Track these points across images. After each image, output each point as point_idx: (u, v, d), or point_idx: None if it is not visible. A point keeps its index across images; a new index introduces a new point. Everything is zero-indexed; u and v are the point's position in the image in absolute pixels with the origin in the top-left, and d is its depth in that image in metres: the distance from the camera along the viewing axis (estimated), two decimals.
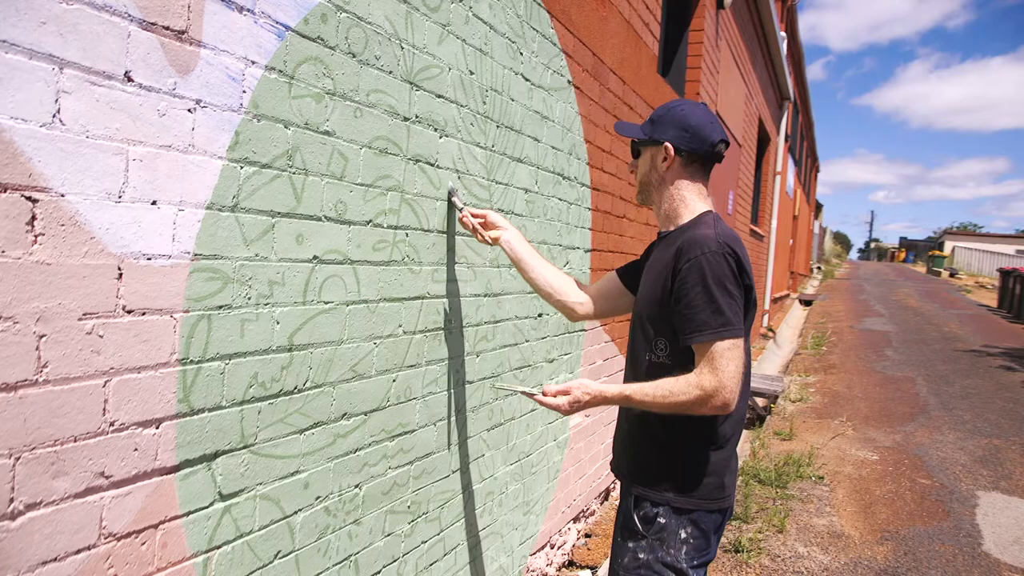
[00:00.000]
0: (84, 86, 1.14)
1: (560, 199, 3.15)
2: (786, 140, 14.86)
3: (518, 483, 2.99)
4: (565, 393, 1.77)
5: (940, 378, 9.04)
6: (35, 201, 1.09)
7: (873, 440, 6.17)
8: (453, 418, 2.40)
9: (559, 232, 3.17)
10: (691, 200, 1.84)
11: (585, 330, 3.63)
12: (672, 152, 1.82)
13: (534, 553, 3.27)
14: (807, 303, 20.05)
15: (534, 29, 2.72)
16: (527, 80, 2.71)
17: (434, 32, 2.08)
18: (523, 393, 1.89)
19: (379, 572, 2.07)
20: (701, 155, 1.83)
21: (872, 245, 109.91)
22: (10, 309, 1.07)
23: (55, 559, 1.17)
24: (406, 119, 1.98)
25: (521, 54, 2.64)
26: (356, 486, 1.93)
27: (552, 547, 3.51)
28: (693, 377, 1.62)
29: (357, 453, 1.92)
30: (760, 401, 7.32)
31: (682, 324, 1.65)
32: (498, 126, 2.52)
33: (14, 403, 1.08)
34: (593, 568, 3.61)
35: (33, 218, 1.09)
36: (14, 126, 1.06)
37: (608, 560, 3.01)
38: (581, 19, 3.15)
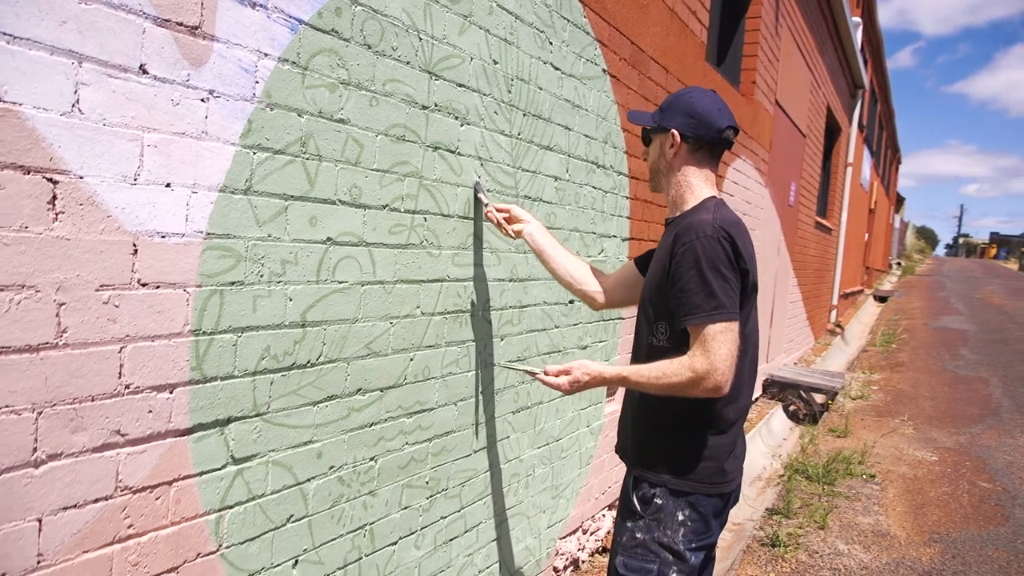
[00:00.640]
0: (101, 78, 1.26)
1: (594, 187, 3.17)
2: (861, 130, 14.31)
3: (546, 466, 3.05)
4: (566, 373, 1.82)
5: (1018, 380, 8.59)
6: (56, 182, 1.21)
7: (934, 440, 5.94)
8: (475, 399, 2.47)
9: (593, 220, 3.20)
10: (697, 186, 1.85)
11: (623, 318, 3.65)
12: (678, 139, 1.84)
13: (564, 537, 3.32)
14: (882, 299, 19.30)
15: (565, 18, 2.75)
16: (557, 69, 2.74)
17: (455, 23, 2.14)
18: (526, 372, 1.94)
19: (396, 543, 2.17)
20: (708, 141, 1.84)
21: (960, 241, 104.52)
22: (32, 279, 1.19)
23: (75, 506, 1.29)
24: (424, 107, 2.06)
25: (550, 43, 2.68)
26: (371, 459, 2.02)
27: (585, 532, 3.55)
28: (686, 359, 1.64)
29: (372, 427, 2.01)
30: (818, 398, 7.14)
31: (677, 307, 1.67)
32: (524, 114, 2.56)
33: (36, 363, 1.21)
34: None
35: (54, 198, 1.21)
36: (36, 115, 1.18)
37: None
38: (617, 7, 3.16)
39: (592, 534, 3.63)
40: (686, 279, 1.65)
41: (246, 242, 1.56)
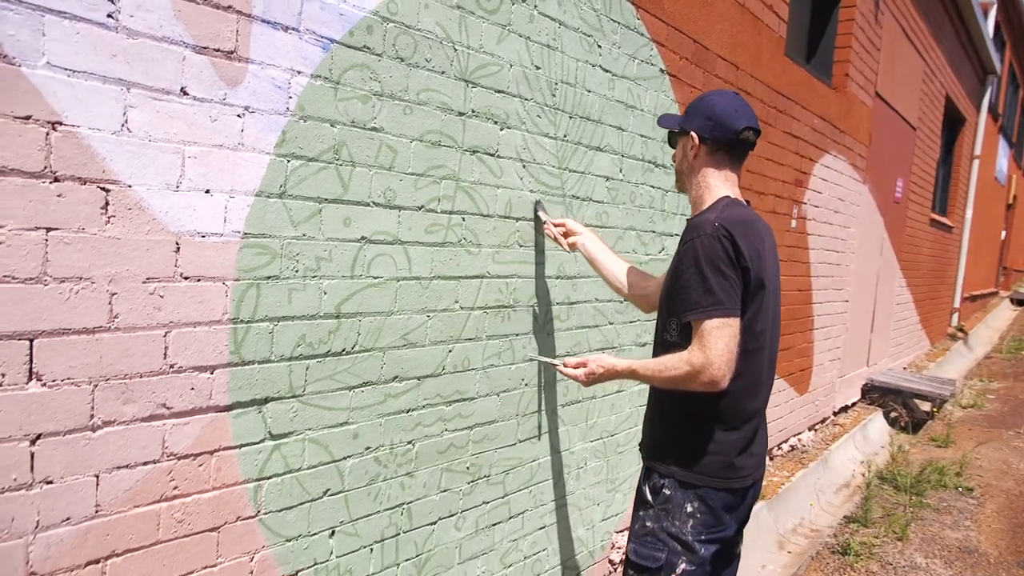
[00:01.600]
0: (147, 100, 1.46)
1: (652, 186, 3.20)
2: (994, 119, 13.23)
3: (600, 460, 3.11)
4: (583, 365, 1.90)
5: None
6: (108, 191, 1.42)
7: None
8: (519, 391, 2.57)
9: (651, 219, 3.22)
10: (715, 187, 1.88)
11: None
12: (697, 141, 1.88)
13: (621, 531, 3.36)
14: (1020, 303, 17.75)
15: (615, 21, 2.80)
16: (607, 71, 2.80)
17: (492, 33, 2.25)
18: (549, 363, 2.04)
19: (435, 523, 2.31)
20: (726, 143, 1.86)
21: None
22: (88, 272, 1.41)
23: (127, 466, 1.51)
24: (461, 114, 2.19)
25: (599, 46, 2.74)
26: (409, 442, 2.17)
27: None
28: (685, 354, 1.68)
29: (409, 413, 2.16)
30: (924, 405, 6.75)
31: (678, 304, 1.72)
32: (571, 117, 2.64)
33: (92, 343, 1.43)
34: None
35: (106, 203, 1.43)
36: (91, 134, 1.39)
37: None
38: (676, 7, 3.17)
39: None
40: (686, 276, 1.69)
41: (281, 241, 1.74)
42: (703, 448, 1.77)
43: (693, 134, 1.88)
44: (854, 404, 6.78)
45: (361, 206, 1.92)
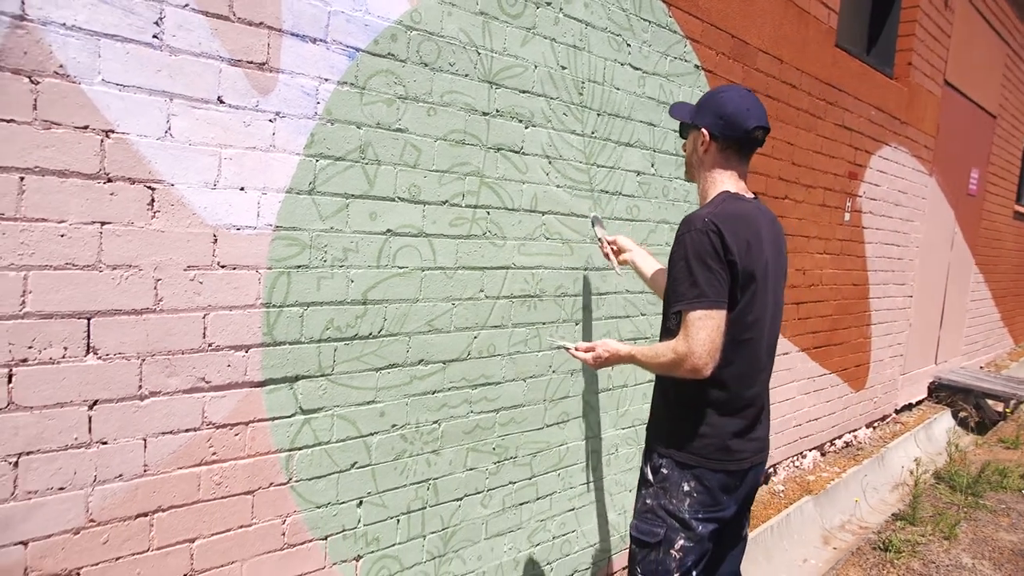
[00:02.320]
0: (187, 109, 1.65)
1: (687, 181, 3.24)
2: None
3: (631, 447, 3.19)
4: (592, 350, 2.01)
5: None
6: (153, 189, 1.62)
7: None
8: (546, 377, 2.69)
9: (685, 212, 3.27)
10: (720, 183, 1.95)
11: None
12: (707, 137, 1.94)
13: None
14: None
15: (645, 20, 2.87)
16: (637, 69, 2.87)
17: (516, 36, 2.37)
18: (563, 347, 2.16)
19: (461, 499, 2.46)
20: (736, 141, 1.92)
21: None
22: (137, 260, 1.61)
23: (171, 432, 1.72)
24: (485, 114, 2.31)
25: (628, 45, 2.81)
26: (435, 422, 2.33)
27: None
28: (672, 342, 1.77)
29: (435, 394, 2.31)
30: (997, 405, 6.48)
31: (670, 294, 1.80)
32: (599, 114, 2.73)
33: (140, 323, 1.64)
34: None
35: (152, 200, 1.63)
36: (139, 140, 1.59)
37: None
38: (712, 3, 3.20)
39: None
40: (676, 269, 1.78)
41: (310, 233, 1.92)
42: (699, 431, 1.85)
43: (704, 131, 1.94)
44: (919, 403, 6.58)
45: (387, 201, 2.08)
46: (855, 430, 5.44)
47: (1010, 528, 3.92)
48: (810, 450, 4.85)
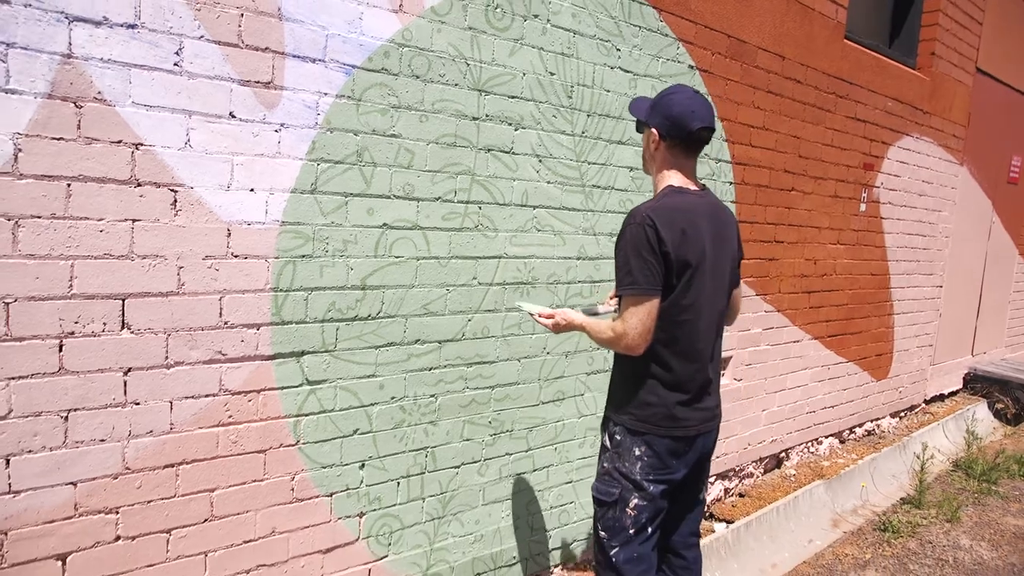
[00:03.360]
0: (203, 124, 1.96)
1: None
2: None
3: None
4: (551, 317, 2.23)
5: None
6: (176, 191, 1.94)
7: None
8: (540, 358, 2.93)
9: None
10: (668, 178, 2.15)
11: None
12: (657, 137, 2.15)
13: None
14: None
15: (635, 25, 3.07)
16: (627, 71, 3.08)
17: (504, 47, 2.61)
18: (521, 307, 2.38)
19: (458, 467, 2.73)
20: (682, 140, 2.12)
21: None
22: (163, 251, 1.93)
23: (193, 396, 2.03)
24: (475, 119, 2.57)
25: (618, 50, 3.02)
26: (432, 396, 2.60)
27: None
28: (612, 322, 2.00)
29: (432, 371, 2.58)
30: None
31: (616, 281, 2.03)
32: (588, 115, 2.95)
33: (165, 303, 1.95)
34: (729, 522, 3.85)
35: (175, 201, 1.94)
36: (164, 151, 1.91)
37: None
38: (706, 6, 3.37)
39: None
40: (618, 259, 2.00)
41: (313, 227, 2.21)
42: (648, 401, 2.06)
43: (654, 130, 2.15)
44: (953, 394, 6.54)
45: (383, 199, 2.36)
46: (878, 419, 5.49)
47: (1018, 513, 3.97)
48: (826, 437, 4.95)
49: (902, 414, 5.83)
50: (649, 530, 2.13)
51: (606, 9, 2.94)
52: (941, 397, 6.38)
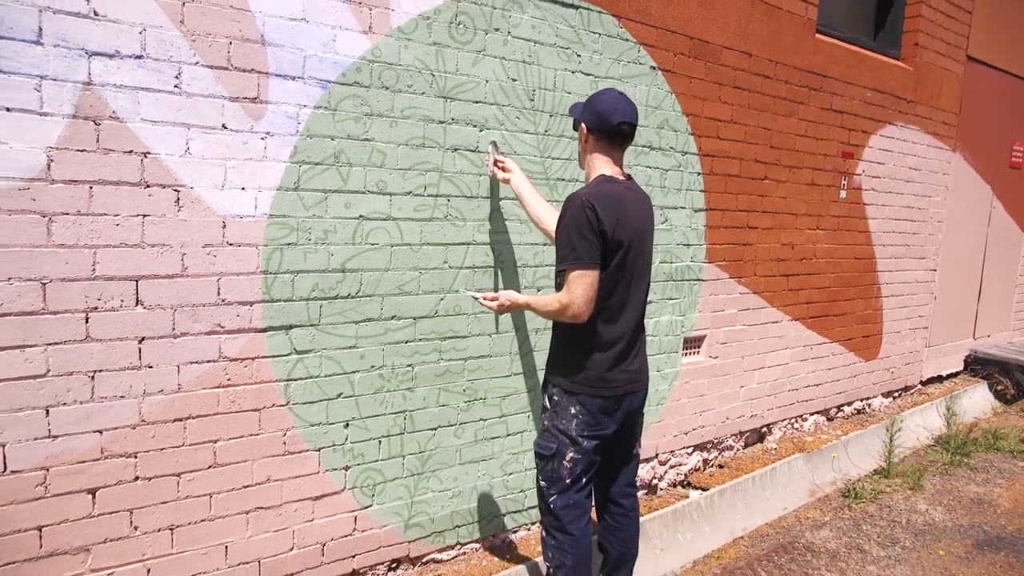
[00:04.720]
0: (201, 135, 2.37)
1: (649, 167, 3.74)
2: None
3: None
4: (496, 299, 2.58)
5: None
6: (179, 191, 2.35)
7: None
8: (510, 334, 3.28)
9: (651, 195, 3.75)
10: (599, 167, 2.47)
11: (702, 280, 4.13)
12: (586, 131, 2.48)
13: None
14: None
15: (595, 33, 3.39)
16: (588, 75, 3.40)
17: (467, 58, 2.97)
18: (472, 296, 2.73)
19: (435, 429, 3.10)
20: (607, 133, 2.44)
21: None
22: (168, 241, 2.34)
23: (197, 362, 2.45)
24: (441, 122, 2.93)
25: (579, 56, 3.35)
26: (408, 365, 2.97)
27: (661, 463, 4.14)
28: (558, 294, 2.33)
29: (408, 344, 2.96)
30: None
31: (557, 257, 2.36)
32: (551, 115, 3.29)
33: (171, 284, 2.37)
34: (705, 489, 4.14)
35: (178, 198, 2.35)
36: (168, 159, 2.32)
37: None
38: (666, 11, 3.66)
39: (671, 466, 4.20)
40: (561, 237, 2.33)
41: (297, 219, 2.60)
42: (582, 365, 2.39)
43: (583, 125, 2.48)
44: (953, 375, 6.68)
45: (358, 194, 2.74)
46: (868, 399, 5.70)
47: (982, 483, 4.18)
48: (812, 414, 5.19)
49: (896, 394, 6.02)
50: (583, 480, 2.46)
51: (565, 20, 3.27)
52: (940, 379, 6.53)
